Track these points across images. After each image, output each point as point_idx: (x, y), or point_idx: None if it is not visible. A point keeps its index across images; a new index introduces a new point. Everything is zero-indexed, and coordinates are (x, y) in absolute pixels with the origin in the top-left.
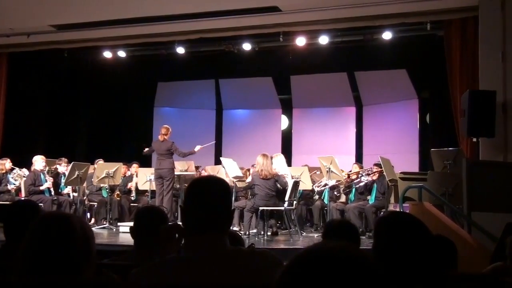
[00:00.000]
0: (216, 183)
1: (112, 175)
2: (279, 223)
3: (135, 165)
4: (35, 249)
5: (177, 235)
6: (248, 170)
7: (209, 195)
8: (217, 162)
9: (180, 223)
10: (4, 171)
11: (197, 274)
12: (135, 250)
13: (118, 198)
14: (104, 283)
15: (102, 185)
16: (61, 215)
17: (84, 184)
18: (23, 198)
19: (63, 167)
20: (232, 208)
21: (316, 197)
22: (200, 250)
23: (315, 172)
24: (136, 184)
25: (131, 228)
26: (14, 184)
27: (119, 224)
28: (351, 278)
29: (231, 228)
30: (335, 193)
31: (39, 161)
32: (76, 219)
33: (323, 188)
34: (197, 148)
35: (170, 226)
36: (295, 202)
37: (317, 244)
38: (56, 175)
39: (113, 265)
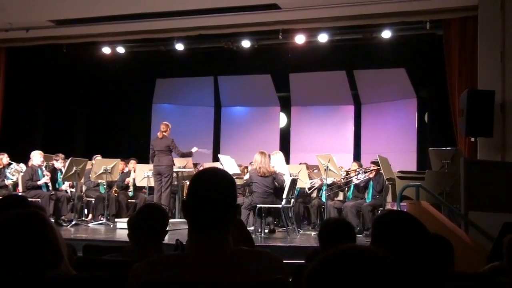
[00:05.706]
0: (222, 177)
1: (109, 171)
2: (277, 220)
3: (133, 161)
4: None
5: None
6: (246, 167)
7: (215, 191)
8: (215, 159)
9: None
10: (1, 166)
11: (199, 271)
12: (133, 247)
13: (116, 194)
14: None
15: (99, 181)
16: (20, 215)
17: (82, 180)
18: (20, 193)
19: (59, 163)
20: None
21: (314, 195)
22: (204, 249)
23: (313, 170)
24: (134, 180)
25: (129, 223)
26: (11, 179)
27: (116, 220)
28: (383, 280)
29: None
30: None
31: (37, 156)
32: (35, 216)
33: (315, 186)
34: (194, 149)
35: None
36: (292, 199)
37: (344, 246)
38: (52, 171)
39: (112, 261)
